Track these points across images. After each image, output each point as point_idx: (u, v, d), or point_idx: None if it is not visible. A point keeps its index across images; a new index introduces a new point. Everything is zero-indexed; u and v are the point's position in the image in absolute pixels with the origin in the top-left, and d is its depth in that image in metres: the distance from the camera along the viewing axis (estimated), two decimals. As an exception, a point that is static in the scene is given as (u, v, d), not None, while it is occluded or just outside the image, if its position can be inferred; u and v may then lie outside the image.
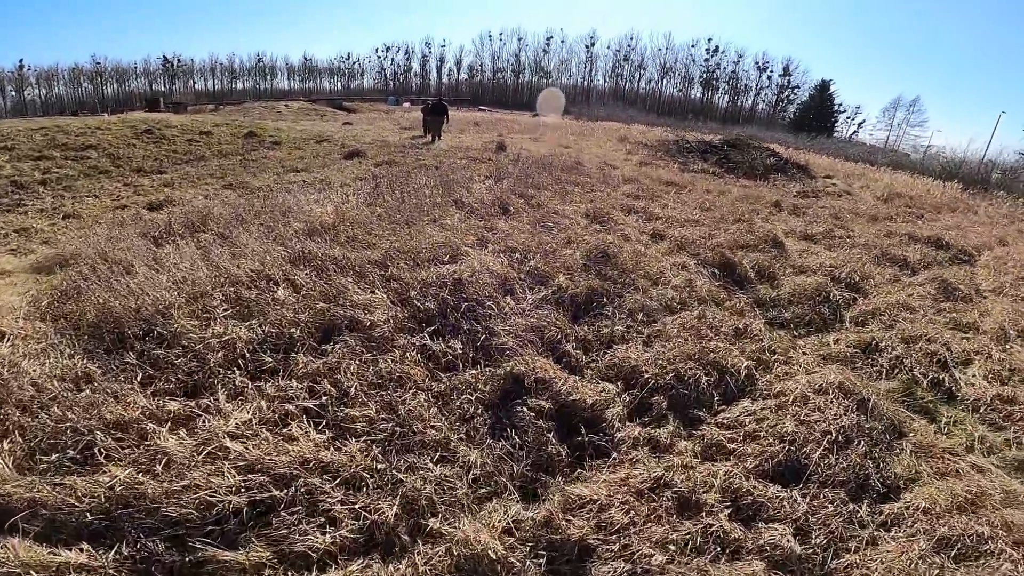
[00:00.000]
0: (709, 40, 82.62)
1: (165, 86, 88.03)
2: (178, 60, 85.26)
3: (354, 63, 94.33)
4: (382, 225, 6.30)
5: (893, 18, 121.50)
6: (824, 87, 72.54)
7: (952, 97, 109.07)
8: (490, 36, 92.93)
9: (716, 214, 9.34)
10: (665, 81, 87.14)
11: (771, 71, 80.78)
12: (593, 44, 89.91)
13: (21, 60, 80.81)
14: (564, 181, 10.07)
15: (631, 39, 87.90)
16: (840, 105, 73.59)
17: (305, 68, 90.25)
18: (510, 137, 19.39)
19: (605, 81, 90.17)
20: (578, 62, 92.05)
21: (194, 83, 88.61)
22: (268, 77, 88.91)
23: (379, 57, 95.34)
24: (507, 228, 6.74)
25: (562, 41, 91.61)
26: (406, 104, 52.95)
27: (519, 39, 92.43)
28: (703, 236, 7.61)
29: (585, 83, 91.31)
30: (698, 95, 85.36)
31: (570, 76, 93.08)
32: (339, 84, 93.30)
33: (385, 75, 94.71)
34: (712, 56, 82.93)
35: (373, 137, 16.74)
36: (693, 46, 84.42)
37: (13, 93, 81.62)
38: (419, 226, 6.31)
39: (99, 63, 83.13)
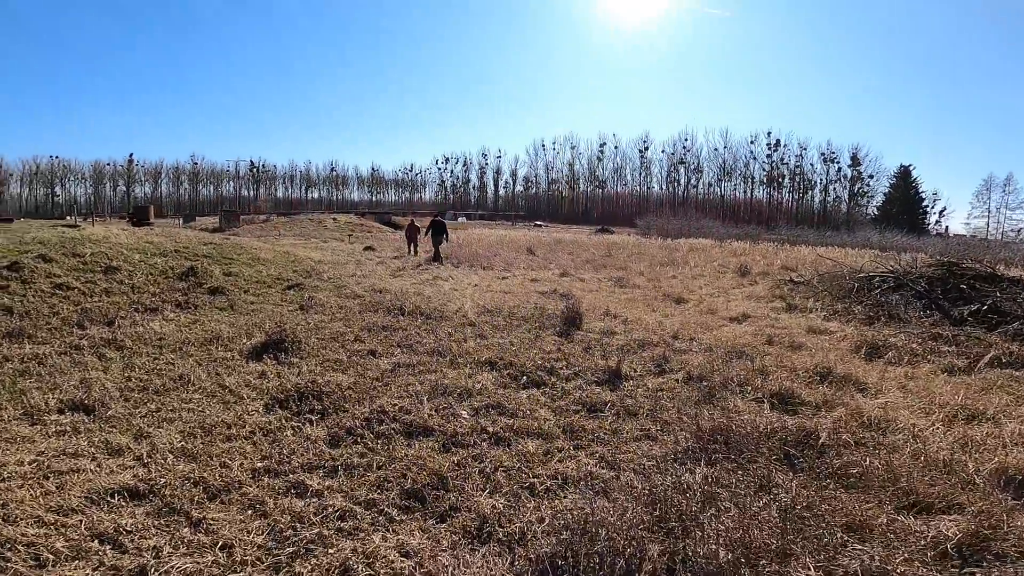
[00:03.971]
0: (768, 134, 76.12)
1: (250, 191, 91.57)
2: (263, 165, 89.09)
3: (416, 175, 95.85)
4: None
5: (956, 90, 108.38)
6: (905, 174, 61.91)
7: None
8: (543, 145, 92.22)
9: None
10: (724, 183, 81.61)
11: (839, 161, 72.82)
12: (647, 148, 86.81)
13: (131, 155, 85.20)
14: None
15: (685, 139, 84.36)
16: (923, 193, 63.39)
17: (372, 179, 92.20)
18: (579, 277, 13.08)
19: (662, 188, 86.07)
20: (632, 168, 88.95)
21: (275, 190, 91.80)
22: (340, 186, 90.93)
23: (439, 168, 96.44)
24: None
25: (615, 147, 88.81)
26: (461, 219, 49.38)
27: (572, 147, 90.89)
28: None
29: (641, 190, 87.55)
30: (764, 195, 78.83)
31: (625, 184, 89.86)
32: (404, 196, 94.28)
33: (445, 187, 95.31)
34: (774, 151, 76.94)
35: (369, 284, 10.81)
36: (752, 141, 78.85)
37: (123, 187, 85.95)
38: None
39: (196, 163, 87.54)
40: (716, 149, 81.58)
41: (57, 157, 78.24)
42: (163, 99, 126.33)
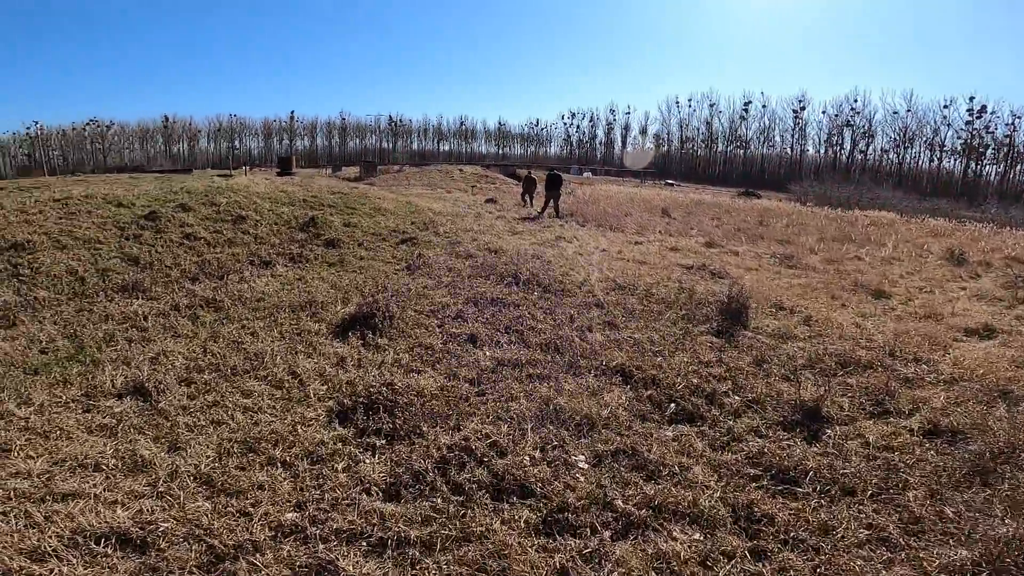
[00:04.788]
0: (971, 99, 61.68)
1: (389, 143, 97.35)
2: (400, 120, 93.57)
3: (542, 129, 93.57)
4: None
5: None
6: None
7: None
8: (677, 103, 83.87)
9: None
10: (903, 150, 67.80)
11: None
12: (803, 108, 75.07)
13: (292, 112, 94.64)
14: None
15: (854, 100, 70.96)
16: None
17: (499, 133, 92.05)
18: (730, 250, 10.61)
19: (819, 152, 74.21)
20: (782, 129, 77.76)
21: (410, 142, 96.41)
22: (468, 139, 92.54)
23: (565, 124, 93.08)
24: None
25: (763, 106, 78.09)
26: (586, 174, 46.89)
27: (711, 105, 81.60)
28: None
29: (793, 153, 76.47)
30: (957, 166, 64.25)
31: (772, 146, 79.02)
32: (529, 150, 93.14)
33: (571, 142, 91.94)
34: (977, 118, 61.67)
35: (484, 241, 9.59)
36: (947, 106, 64.33)
37: (287, 141, 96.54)
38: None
39: (344, 119, 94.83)
40: (895, 112, 67.33)
41: (235, 115, 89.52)
42: (318, 59, 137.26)
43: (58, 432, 3.24)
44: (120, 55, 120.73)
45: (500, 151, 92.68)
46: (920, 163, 66.68)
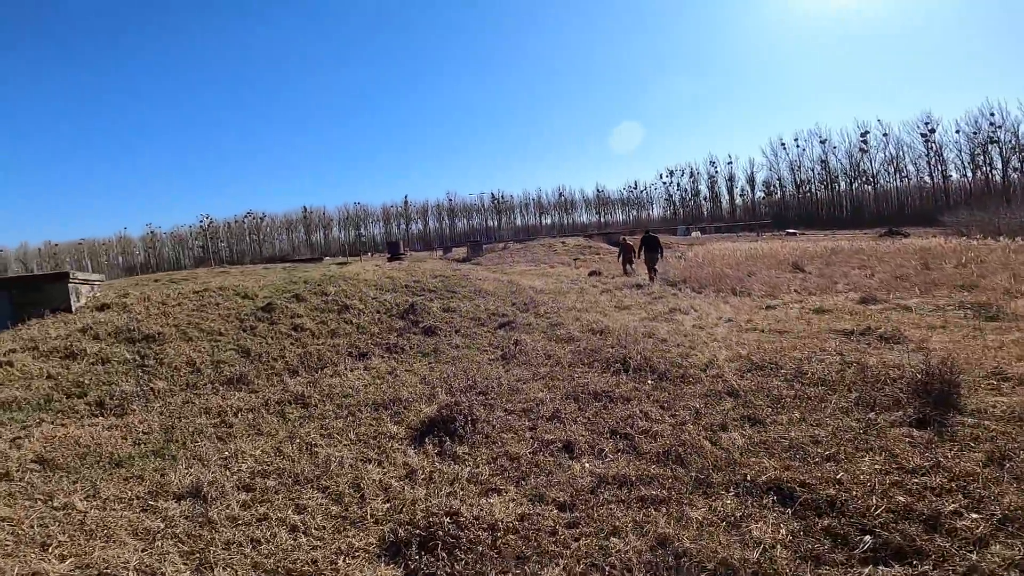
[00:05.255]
0: None
1: (494, 221, 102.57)
2: (501, 196, 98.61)
3: (641, 191, 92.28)
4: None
5: None
6: None
7: None
8: (783, 143, 78.05)
9: None
10: None
11: None
12: (932, 131, 65.46)
13: (406, 196, 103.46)
14: None
15: (991, 113, 60.44)
16: None
17: (598, 200, 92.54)
18: (897, 304, 8.47)
19: (964, 176, 63.54)
20: (914, 156, 68.21)
21: (513, 218, 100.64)
22: (568, 210, 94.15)
23: (664, 183, 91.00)
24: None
25: (884, 135, 69.61)
26: (695, 234, 44.49)
27: (822, 141, 74.57)
28: None
29: (933, 181, 66.20)
30: None
31: (905, 176, 69.37)
32: (630, 214, 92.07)
33: (672, 201, 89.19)
34: None
35: (588, 320, 8.62)
36: None
37: (404, 225, 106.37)
38: None
39: (452, 200, 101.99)
40: None
41: (359, 203, 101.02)
42: (423, 147, 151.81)
43: (104, 532, 3.07)
44: (267, 151, 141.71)
45: (601, 218, 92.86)
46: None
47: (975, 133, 61.86)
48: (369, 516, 3.12)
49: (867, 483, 2.90)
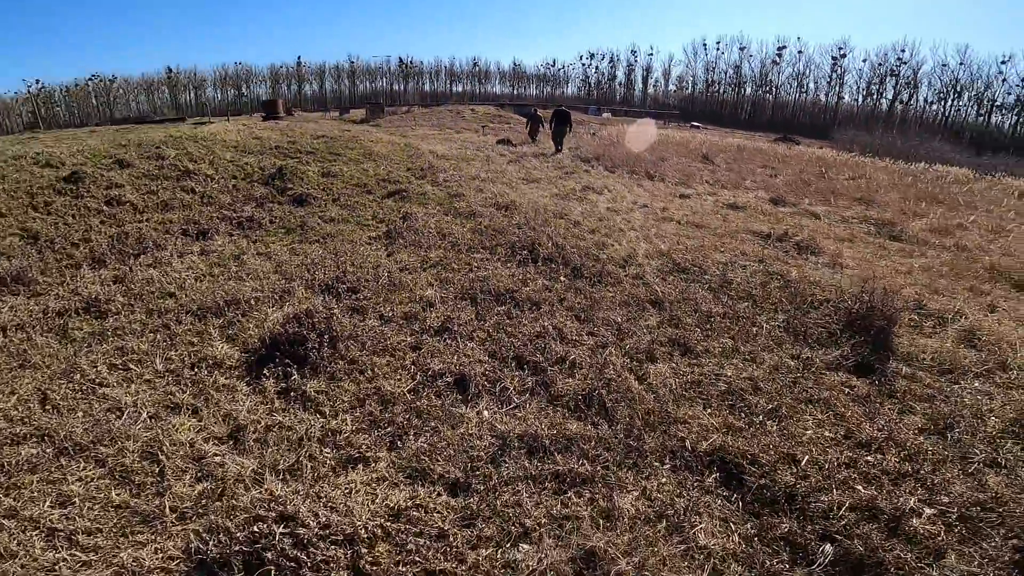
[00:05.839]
0: None
1: (401, 86, 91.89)
2: (410, 61, 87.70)
3: (559, 70, 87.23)
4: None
5: None
6: None
7: None
8: (704, 45, 77.60)
9: None
10: (950, 103, 62.61)
11: None
12: (843, 55, 68.96)
13: (299, 57, 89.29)
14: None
15: (901, 50, 65.11)
16: None
17: (514, 74, 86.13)
18: (806, 210, 8.34)
19: (856, 100, 68.75)
20: (818, 76, 72.11)
21: (422, 84, 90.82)
22: (482, 80, 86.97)
23: (583, 64, 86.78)
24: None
25: (799, 52, 72.04)
26: (606, 115, 43.29)
27: (741, 48, 75.36)
28: None
29: (828, 100, 70.83)
30: (1007, 120, 59.46)
31: (804, 92, 73.28)
32: (545, 90, 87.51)
33: (589, 83, 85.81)
34: None
35: (493, 193, 7.41)
36: (1004, 61, 58.98)
37: (296, 87, 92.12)
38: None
39: (353, 62, 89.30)
40: (944, 65, 61.37)
41: (240, 63, 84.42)
42: (324, 3, 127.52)
43: None
44: (117, 10, 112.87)
45: (515, 91, 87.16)
46: (965, 117, 61.49)
47: (880, 64, 65.57)
48: (168, 508, 2.03)
49: (817, 458, 2.38)
